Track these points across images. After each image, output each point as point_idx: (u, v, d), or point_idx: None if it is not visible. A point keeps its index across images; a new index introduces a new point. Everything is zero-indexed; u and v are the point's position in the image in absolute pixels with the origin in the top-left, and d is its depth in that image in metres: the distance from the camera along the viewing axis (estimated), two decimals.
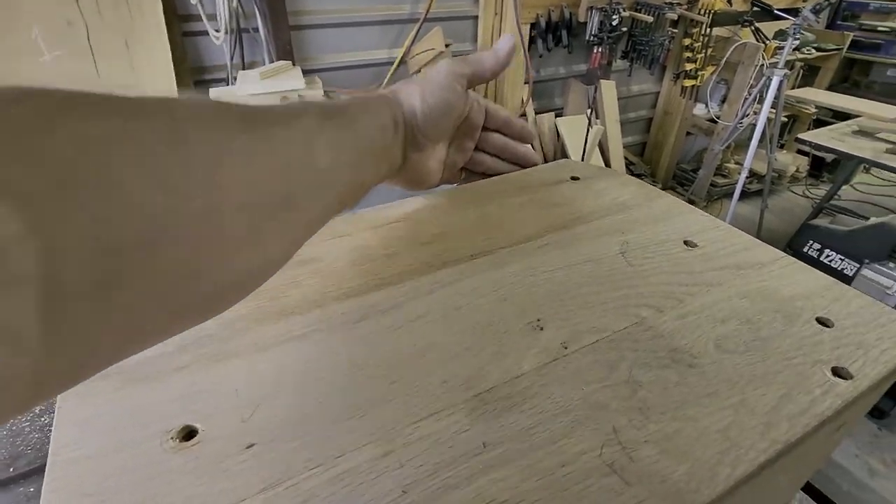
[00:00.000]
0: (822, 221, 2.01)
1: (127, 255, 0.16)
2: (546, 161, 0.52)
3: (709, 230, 0.41)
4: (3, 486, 0.43)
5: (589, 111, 2.22)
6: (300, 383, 0.27)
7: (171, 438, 0.24)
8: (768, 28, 2.70)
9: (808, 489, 0.45)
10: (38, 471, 0.44)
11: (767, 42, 2.61)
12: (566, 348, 0.29)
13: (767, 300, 0.33)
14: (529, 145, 0.50)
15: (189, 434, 0.24)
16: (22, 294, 0.13)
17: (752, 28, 2.50)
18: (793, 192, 3.27)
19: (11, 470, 0.43)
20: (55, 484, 0.22)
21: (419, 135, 0.38)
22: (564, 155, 2.33)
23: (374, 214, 0.43)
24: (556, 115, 2.41)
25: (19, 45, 1.35)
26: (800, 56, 3.10)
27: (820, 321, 0.32)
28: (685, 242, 0.40)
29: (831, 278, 0.36)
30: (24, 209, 0.13)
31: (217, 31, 1.55)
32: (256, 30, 1.67)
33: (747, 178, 2.44)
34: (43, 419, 0.49)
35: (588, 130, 2.18)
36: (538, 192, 0.47)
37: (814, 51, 3.18)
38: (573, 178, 0.50)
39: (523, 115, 2.35)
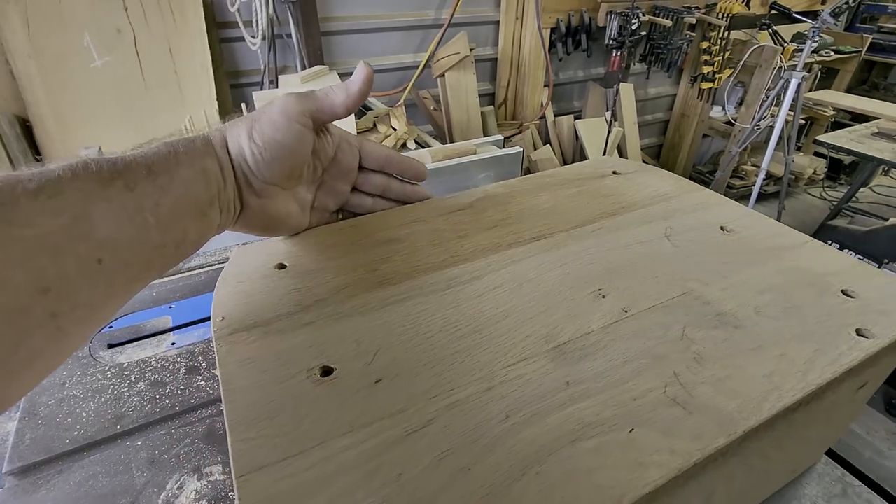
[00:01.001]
0: (840, 222, 2.03)
1: None
2: (564, 163, 0.56)
3: (743, 218, 0.46)
4: (112, 440, 0.49)
5: (608, 114, 2.26)
6: (408, 336, 0.32)
7: (314, 374, 0.29)
8: (786, 31, 2.72)
9: (832, 455, 0.50)
10: (141, 428, 0.50)
11: (785, 45, 2.63)
12: (626, 312, 0.34)
13: (799, 276, 0.38)
14: (419, 183, 0.47)
15: (326, 371, 0.30)
16: None
17: (770, 31, 2.52)
18: (810, 194, 3.27)
19: (118, 427, 0.49)
20: (233, 404, 0.27)
21: (253, 178, 0.34)
22: (583, 156, 2.37)
23: (442, 203, 0.48)
24: (575, 118, 2.46)
25: (71, 50, 1.44)
26: (818, 59, 3.11)
27: (845, 293, 0.37)
28: (722, 228, 0.44)
29: (855, 259, 0.41)
30: None
31: (253, 37, 1.63)
32: (289, 36, 1.75)
33: (764, 180, 2.46)
34: (139, 385, 0.55)
35: (608, 133, 2.22)
36: (585, 185, 0.52)
37: (832, 53, 3.19)
38: (615, 173, 0.55)
39: (542, 117, 2.40)
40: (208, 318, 0.65)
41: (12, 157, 1.39)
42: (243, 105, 1.17)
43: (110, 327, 0.64)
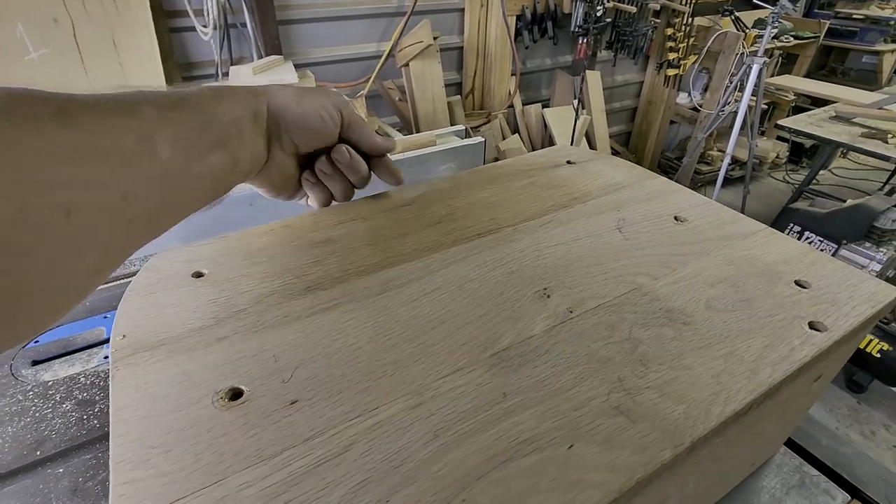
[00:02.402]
0: (801, 205, 2.07)
1: None
2: (534, 151, 0.54)
3: (697, 206, 0.45)
4: (30, 468, 0.45)
5: (575, 102, 2.25)
6: (332, 348, 0.29)
7: (221, 399, 0.26)
8: (748, 17, 2.76)
9: (790, 444, 0.49)
10: (64, 454, 0.46)
11: (747, 31, 2.66)
12: (571, 312, 0.32)
13: (751, 266, 0.37)
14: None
15: (236, 394, 0.26)
16: None
17: (733, 17, 2.55)
18: (773, 177, 3.35)
19: (38, 453, 0.45)
20: (122, 439, 0.24)
21: (285, 133, 0.37)
22: (552, 145, 2.36)
23: (384, 199, 0.45)
24: (543, 107, 2.44)
25: (3, 43, 1.34)
26: (778, 44, 3.17)
27: (798, 283, 0.35)
28: (675, 218, 0.43)
29: (808, 246, 0.39)
30: None
31: (205, 26, 1.55)
32: (244, 25, 1.67)
33: (730, 164, 2.50)
34: (64, 405, 0.51)
35: (575, 121, 2.21)
36: (537, 176, 0.50)
37: (792, 39, 3.26)
38: (569, 162, 0.53)
39: (510, 106, 2.38)
40: None
41: None
42: None
43: (36, 342, 0.59)
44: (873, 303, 0.34)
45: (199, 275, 0.35)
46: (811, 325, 0.32)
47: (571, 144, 2.25)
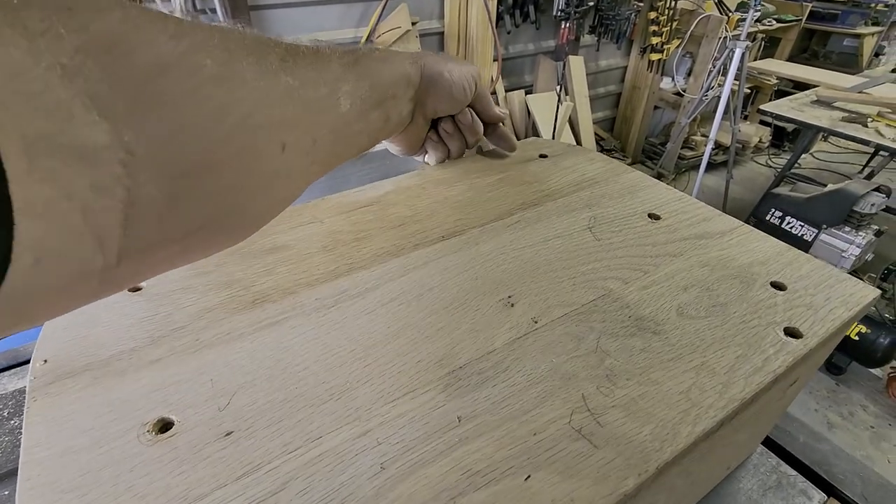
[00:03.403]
0: (783, 190, 2.08)
1: (192, 175, 0.18)
2: (517, 139, 0.52)
3: (672, 203, 0.43)
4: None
5: (558, 87, 2.22)
6: (275, 370, 0.27)
7: (148, 431, 0.24)
8: (730, 0, 2.74)
9: (767, 443, 0.48)
10: (11, 474, 0.43)
11: (730, 14, 2.64)
12: (536, 323, 0.30)
13: (726, 267, 0.35)
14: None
15: (165, 426, 0.24)
16: (111, 199, 0.15)
17: (715, 0, 2.53)
18: (756, 161, 3.37)
19: None
20: (31, 483, 0.21)
21: (430, 99, 0.40)
22: (535, 132, 2.33)
23: (344, 199, 0.43)
24: (526, 93, 2.41)
25: None
26: (761, 27, 3.16)
27: (774, 285, 0.34)
28: (650, 215, 0.41)
29: (785, 244, 0.38)
30: (108, 122, 0.15)
31: (171, 12, 1.49)
32: (213, 10, 1.61)
33: (713, 149, 2.50)
34: (13, 422, 0.48)
35: (558, 107, 2.19)
36: (507, 171, 0.47)
37: (774, 22, 3.25)
38: (542, 156, 0.50)
39: (493, 92, 2.34)
40: None
41: None
42: None
43: None
44: (850, 305, 0.32)
45: (136, 289, 0.32)
46: (787, 332, 0.30)
47: (554, 131, 2.22)
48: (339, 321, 0.30)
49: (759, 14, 2.36)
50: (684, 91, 2.87)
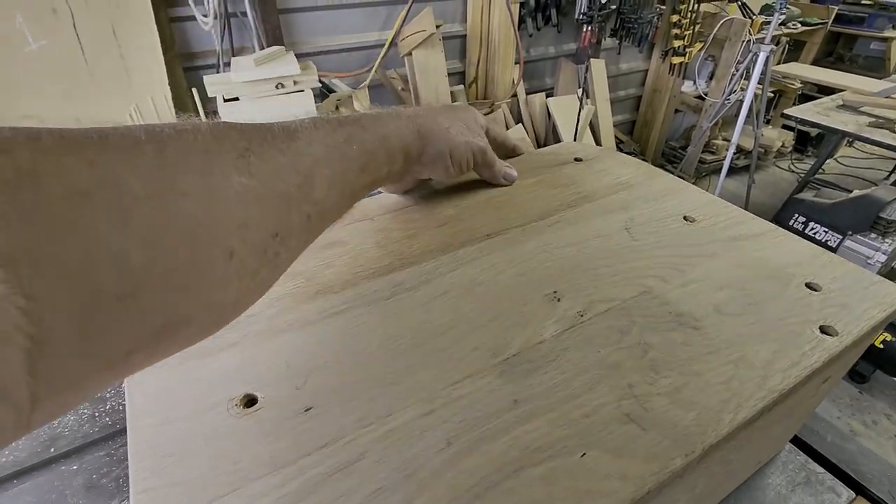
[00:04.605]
0: (806, 195, 2.06)
1: (107, 307, 0.16)
2: (538, 143, 0.54)
3: (705, 206, 0.44)
4: (45, 465, 0.45)
5: (580, 91, 2.23)
6: (343, 354, 0.29)
7: (235, 405, 0.26)
8: (755, 3, 2.71)
9: (795, 442, 0.49)
10: (78, 450, 0.46)
11: (754, 17, 2.62)
12: (582, 316, 0.32)
13: (761, 268, 0.37)
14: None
15: (250, 401, 0.27)
16: (9, 349, 0.13)
17: (739, 3, 2.51)
18: (778, 166, 3.33)
19: (52, 450, 0.45)
20: (138, 447, 0.24)
21: (424, 169, 0.39)
22: (555, 135, 2.34)
23: (392, 199, 0.45)
24: (547, 96, 2.42)
25: (3, 35, 1.32)
26: (785, 31, 3.12)
27: (809, 286, 0.35)
28: (684, 218, 0.42)
29: (819, 247, 0.39)
30: (6, 268, 0.13)
31: (205, 15, 1.53)
32: (244, 14, 1.65)
33: (735, 153, 2.48)
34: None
35: (580, 110, 2.19)
36: (544, 174, 0.49)
37: (799, 25, 3.21)
38: (576, 159, 0.52)
39: (514, 95, 2.36)
40: None
41: None
42: (194, 90, 1.09)
43: None
44: (885, 306, 0.34)
45: None
46: (822, 330, 0.32)
47: (575, 134, 2.23)
48: (397, 311, 0.33)
49: (783, 17, 2.34)
50: (706, 95, 2.85)
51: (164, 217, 0.18)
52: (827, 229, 1.88)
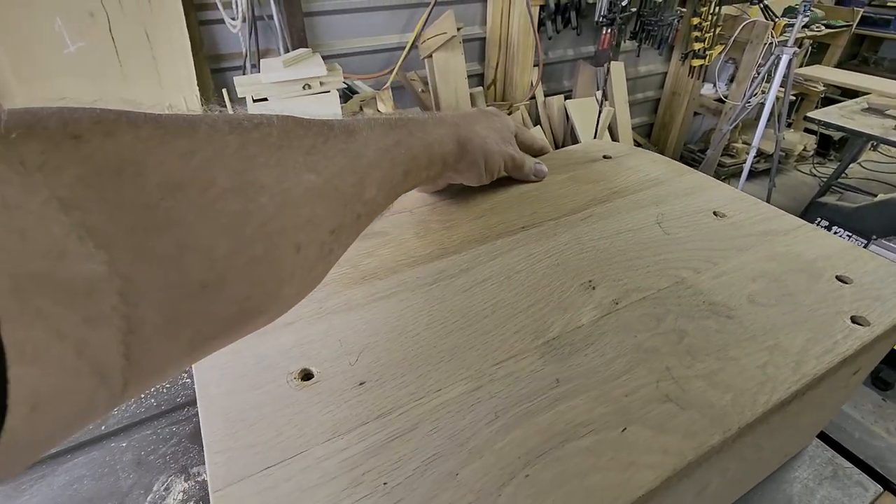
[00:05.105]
0: (829, 199, 2.03)
1: (193, 295, 0.17)
2: (556, 145, 0.55)
3: (735, 202, 0.45)
4: (96, 441, 0.48)
5: (598, 93, 2.23)
6: (392, 334, 0.31)
7: (294, 378, 0.28)
8: (777, 5, 2.69)
9: (822, 437, 0.50)
10: (126, 429, 0.49)
11: (776, 19, 2.60)
12: (617, 304, 0.34)
13: (792, 262, 0.37)
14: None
15: (307, 375, 0.29)
16: (108, 330, 0.14)
17: (761, 6, 2.49)
18: (800, 170, 3.28)
19: (103, 428, 0.48)
20: (209, 413, 0.26)
21: (458, 175, 0.41)
22: (574, 137, 2.34)
23: (427, 193, 0.47)
24: (566, 98, 2.43)
25: (42, 36, 1.38)
26: (809, 33, 3.08)
27: (840, 279, 0.36)
28: (714, 213, 0.43)
29: (849, 242, 0.40)
30: (106, 251, 0.14)
31: (233, 18, 1.58)
32: (271, 17, 1.69)
33: (755, 157, 2.46)
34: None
35: (599, 113, 2.19)
36: (575, 170, 0.51)
37: (823, 27, 3.16)
38: (605, 157, 0.54)
39: (532, 97, 2.37)
40: None
41: None
42: (224, 91, 1.13)
43: None
44: None
45: None
46: (853, 320, 0.32)
47: (595, 137, 2.23)
48: (441, 297, 0.34)
49: (807, 20, 2.31)
50: (726, 97, 2.83)
51: (245, 210, 0.18)
52: (851, 233, 1.85)
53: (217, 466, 0.23)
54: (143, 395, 0.54)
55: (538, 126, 2.34)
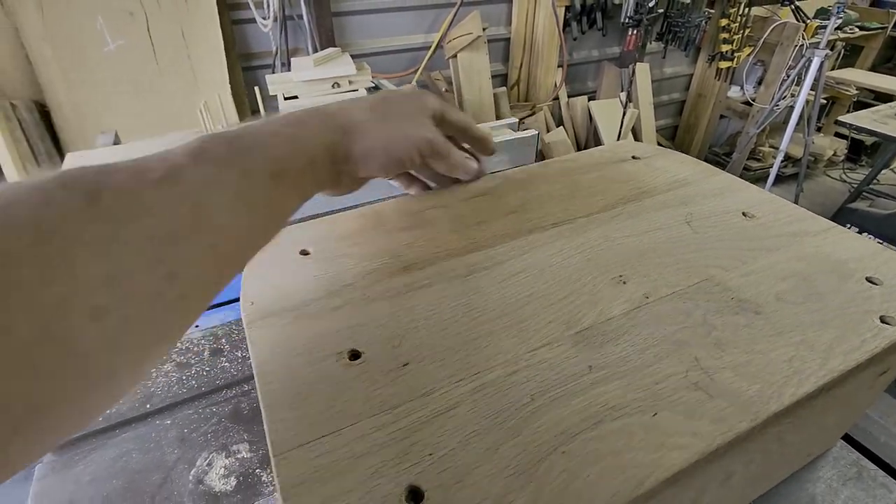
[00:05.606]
0: (860, 205, 1.99)
1: None
2: (579, 147, 0.56)
3: (765, 203, 0.46)
4: (142, 419, 0.51)
5: (623, 94, 2.22)
6: (431, 321, 0.33)
7: (343, 357, 0.30)
8: (809, 7, 2.64)
9: (847, 440, 0.50)
10: (169, 408, 0.52)
11: (808, 21, 2.55)
12: (647, 298, 0.35)
13: (822, 262, 0.38)
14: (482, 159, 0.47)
15: (355, 355, 0.31)
16: None
17: (793, 7, 2.44)
18: (829, 176, 3.21)
19: (148, 406, 0.51)
20: (266, 386, 0.28)
21: (360, 169, 0.36)
22: (597, 139, 2.34)
23: (462, 188, 0.48)
24: (589, 99, 2.42)
25: (84, 34, 1.44)
26: (842, 35, 3.01)
27: (870, 280, 0.37)
28: (744, 214, 0.44)
29: (880, 245, 0.40)
30: None
31: (265, 18, 1.62)
32: (301, 17, 1.73)
33: (782, 161, 2.42)
34: (165, 366, 0.57)
35: (623, 114, 2.19)
36: (604, 170, 0.52)
37: (857, 30, 3.09)
38: (634, 157, 0.55)
39: (555, 98, 2.37)
40: (229, 302, 0.67)
41: (31, 142, 1.41)
42: (256, 89, 1.16)
43: None
44: None
45: (305, 253, 0.39)
46: (882, 320, 0.33)
47: (618, 138, 2.22)
48: (476, 288, 0.36)
49: (840, 21, 2.26)
50: (753, 100, 2.79)
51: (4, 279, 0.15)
52: (881, 240, 1.81)
53: (277, 433, 0.26)
54: (184, 377, 0.57)
55: (561, 127, 2.34)
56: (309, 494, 0.23)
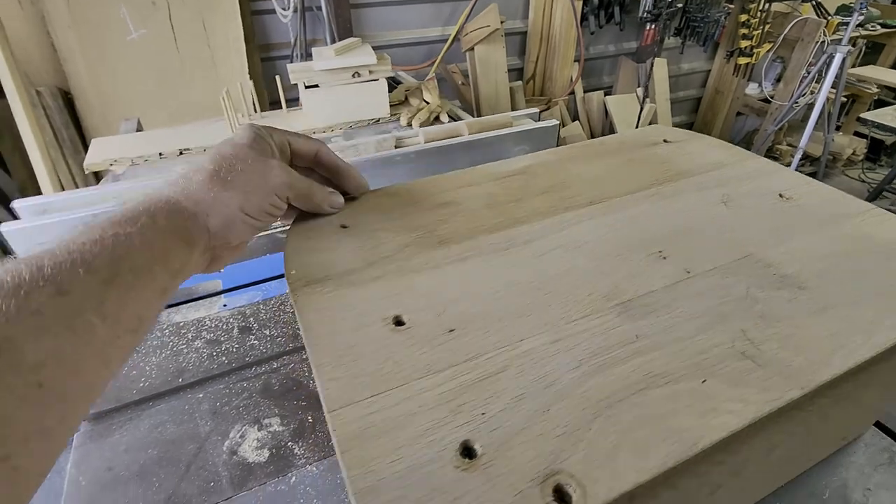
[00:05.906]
0: (881, 204, 1.96)
1: None
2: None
3: (801, 185, 0.46)
4: (175, 392, 0.52)
5: (640, 90, 2.20)
6: (472, 291, 0.33)
7: (389, 323, 0.31)
8: (830, 3, 2.60)
9: (879, 427, 0.50)
10: (201, 382, 0.53)
11: (829, 17, 2.51)
12: (689, 273, 0.35)
13: (862, 242, 0.38)
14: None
15: (399, 321, 0.31)
16: None
17: (814, 3, 2.41)
18: (848, 175, 3.16)
19: (180, 380, 0.52)
20: (317, 349, 0.29)
21: (226, 239, 0.34)
22: (612, 133, 2.33)
23: (493, 169, 0.49)
24: (605, 94, 2.40)
25: (108, 22, 1.46)
26: (864, 32, 2.96)
27: None
28: (780, 195, 0.44)
29: None
30: None
31: (284, 9, 1.63)
32: (319, 8, 1.74)
33: (800, 160, 2.39)
34: (196, 343, 0.58)
35: (641, 109, 2.17)
36: (635, 153, 0.52)
37: (879, 27, 3.03)
38: (665, 141, 0.54)
39: (571, 93, 2.36)
40: (257, 282, 0.68)
41: (55, 128, 1.43)
42: (277, 78, 1.17)
43: None
44: None
45: (344, 226, 0.40)
46: None
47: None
48: (515, 261, 0.36)
49: (862, 18, 2.23)
50: (772, 97, 2.75)
51: None
52: None
53: (330, 391, 0.26)
54: (214, 353, 0.57)
55: (576, 122, 2.32)
56: (365, 447, 0.23)
